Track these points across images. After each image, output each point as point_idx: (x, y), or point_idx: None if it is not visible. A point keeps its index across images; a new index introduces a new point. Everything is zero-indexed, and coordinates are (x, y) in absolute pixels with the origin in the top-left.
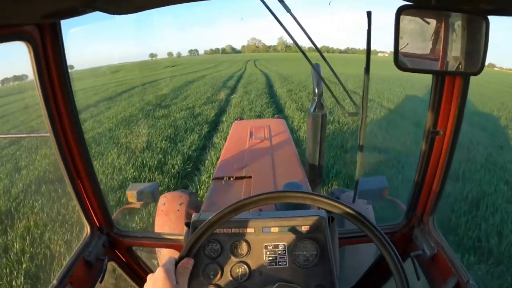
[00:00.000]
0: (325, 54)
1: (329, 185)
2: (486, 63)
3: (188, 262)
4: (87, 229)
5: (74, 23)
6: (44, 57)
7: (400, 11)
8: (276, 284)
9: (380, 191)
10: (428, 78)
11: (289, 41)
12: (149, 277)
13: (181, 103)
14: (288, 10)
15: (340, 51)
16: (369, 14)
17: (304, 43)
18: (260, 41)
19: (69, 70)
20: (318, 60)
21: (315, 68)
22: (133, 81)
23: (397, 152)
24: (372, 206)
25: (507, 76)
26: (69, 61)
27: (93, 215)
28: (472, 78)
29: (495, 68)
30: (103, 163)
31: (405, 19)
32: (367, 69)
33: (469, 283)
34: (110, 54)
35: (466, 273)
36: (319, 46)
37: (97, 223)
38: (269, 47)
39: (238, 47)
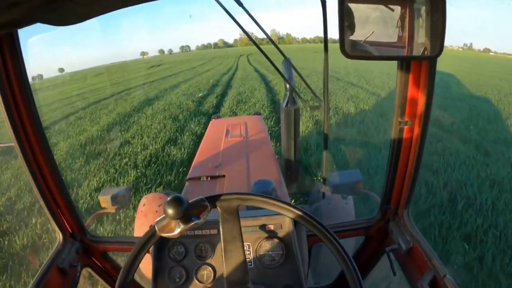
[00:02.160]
0: (289, 46)
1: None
2: (482, 48)
3: None
4: (59, 236)
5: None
6: (3, 67)
7: None
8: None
9: (354, 184)
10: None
11: (282, 32)
12: None
13: (91, 185)
14: (242, 6)
15: (307, 41)
16: (323, 2)
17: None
18: (252, 33)
19: (45, 77)
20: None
21: (285, 63)
22: (88, 96)
23: None
24: (353, 201)
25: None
26: (59, 65)
27: (65, 222)
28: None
29: (491, 53)
30: None
31: (369, 7)
32: (326, 61)
33: (446, 277)
34: (101, 55)
35: (442, 267)
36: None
37: (69, 230)
38: (262, 39)
39: (230, 41)
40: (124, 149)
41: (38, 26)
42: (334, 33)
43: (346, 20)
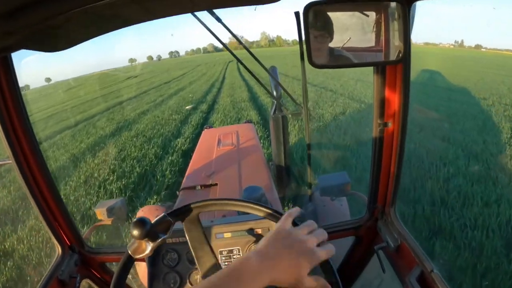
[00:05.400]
0: (281, 48)
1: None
2: (473, 44)
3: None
4: (58, 249)
5: None
6: None
7: (308, 7)
8: None
9: (342, 186)
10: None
11: (272, 35)
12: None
13: None
14: (219, 20)
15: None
16: (297, 14)
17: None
18: (242, 37)
19: (32, 87)
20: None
21: (271, 71)
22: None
23: None
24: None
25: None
26: (47, 74)
27: (63, 235)
28: None
29: (482, 49)
30: None
31: (346, 14)
32: (303, 69)
33: (433, 272)
34: (92, 62)
35: (429, 262)
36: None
37: (67, 242)
38: (252, 42)
39: (220, 45)
40: None
41: None
42: None
43: (325, 28)
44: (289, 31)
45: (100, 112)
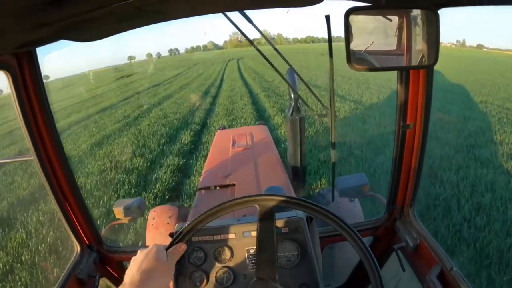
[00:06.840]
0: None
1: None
2: (475, 44)
3: (181, 247)
4: (77, 247)
5: None
6: (22, 83)
7: (349, 12)
8: (253, 280)
9: (360, 187)
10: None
11: (273, 33)
12: (140, 251)
13: None
14: (250, 21)
15: (299, 41)
16: (327, 18)
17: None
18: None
19: None
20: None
21: (289, 72)
22: None
23: None
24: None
25: None
26: (46, 71)
27: (82, 234)
28: None
29: (484, 49)
30: None
31: (368, 18)
32: (331, 71)
33: (453, 270)
34: (95, 58)
35: (449, 261)
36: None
37: (86, 241)
38: (253, 40)
39: (220, 42)
40: None
41: None
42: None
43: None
44: (291, 30)
45: (75, 124)
